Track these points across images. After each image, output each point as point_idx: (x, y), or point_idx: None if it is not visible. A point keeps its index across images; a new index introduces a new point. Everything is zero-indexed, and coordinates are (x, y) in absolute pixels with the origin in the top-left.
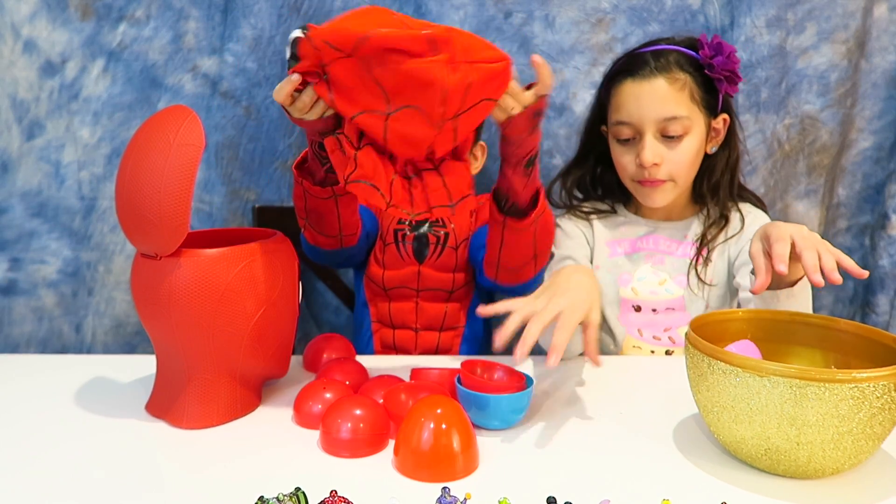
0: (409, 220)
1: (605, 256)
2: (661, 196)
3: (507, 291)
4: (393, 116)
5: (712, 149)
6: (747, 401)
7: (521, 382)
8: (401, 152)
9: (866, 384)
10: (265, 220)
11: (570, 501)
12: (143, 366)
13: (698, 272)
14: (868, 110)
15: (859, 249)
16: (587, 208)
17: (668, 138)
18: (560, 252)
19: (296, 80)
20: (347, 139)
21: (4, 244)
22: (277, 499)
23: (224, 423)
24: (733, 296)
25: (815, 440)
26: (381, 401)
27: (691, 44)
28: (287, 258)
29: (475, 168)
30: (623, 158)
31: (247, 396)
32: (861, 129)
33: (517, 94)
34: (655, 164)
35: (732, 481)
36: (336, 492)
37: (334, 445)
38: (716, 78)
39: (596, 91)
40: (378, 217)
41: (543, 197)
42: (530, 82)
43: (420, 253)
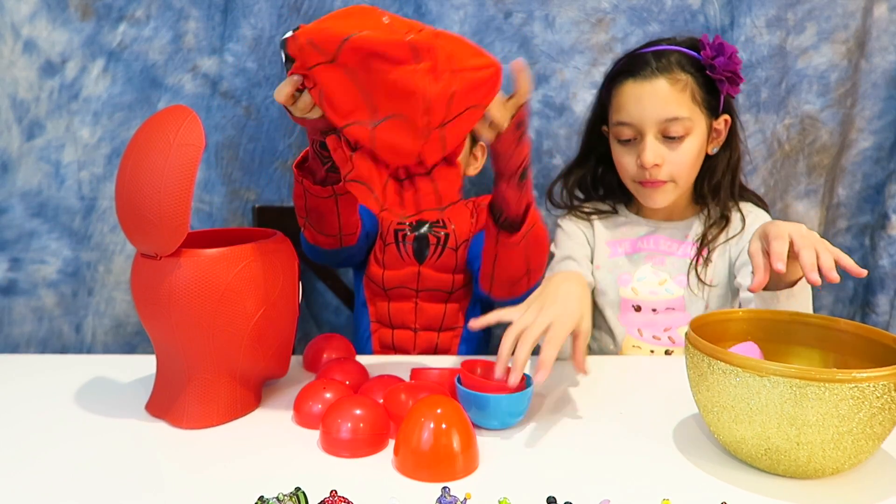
0: (401, 221)
1: (606, 256)
2: (661, 197)
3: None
4: (379, 127)
5: (713, 149)
6: (747, 401)
7: (521, 382)
8: (391, 161)
9: (866, 384)
10: (265, 220)
11: (570, 501)
12: (143, 366)
13: (698, 272)
14: (868, 110)
15: (859, 249)
16: (588, 208)
17: (669, 139)
18: (560, 252)
19: (297, 81)
20: (346, 140)
21: (4, 244)
22: (277, 499)
23: (224, 423)
24: (734, 296)
25: (815, 440)
26: (381, 401)
27: (693, 44)
28: (287, 258)
29: (475, 168)
30: (624, 159)
31: (247, 396)
32: (861, 129)
33: (502, 107)
34: (656, 165)
35: (732, 481)
36: (336, 492)
37: (334, 445)
38: (717, 79)
39: (597, 91)
40: (378, 217)
41: (534, 211)
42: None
43: (420, 253)
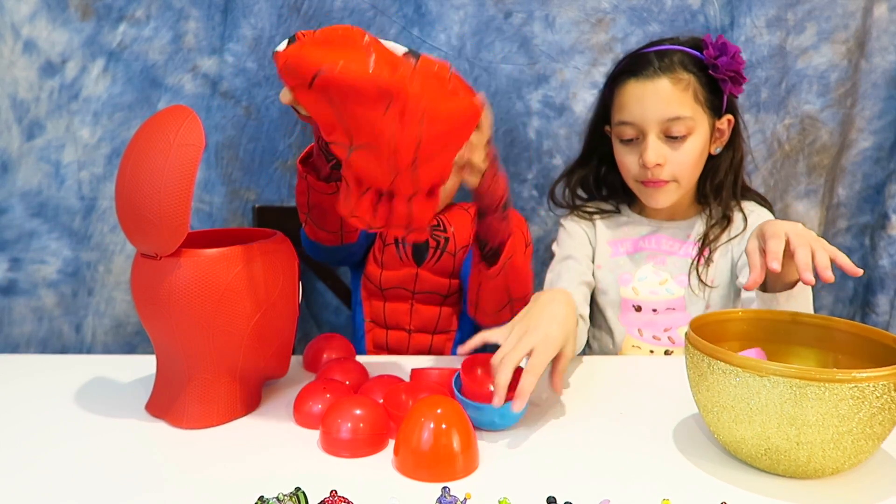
0: (365, 229)
1: (607, 256)
2: (664, 196)
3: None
4: (354, 153)
5: (716, 149)
6: (747, 401)
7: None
8: (368, 183)
9: (866, 384)
10: (265, 220)
11: (570, 501)
12: (143, 366)
13: (699, 273)
14: (868, 110)
15: (859, 249)
16: (591, 208)
17: (671, 139)
18: (562, 251)
19: None
20: None
21: (4, 244)
22: (277, 499)
23: (224, 423)
24: (737, 296)
25: (815, 440)
26: (381, 401)
27: (695, 44)
28: (287, 258)
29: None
30: (626, 159)
31: (247, 396)
32: (861, 129)
33: (475, 148)
34: (658, 165)
35: (732, 481)
36: (336, 492)
37: (334, 445)
38: (720, 78)
39: (599, 91)
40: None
41: (511, 244)
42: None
43: (419, 255)
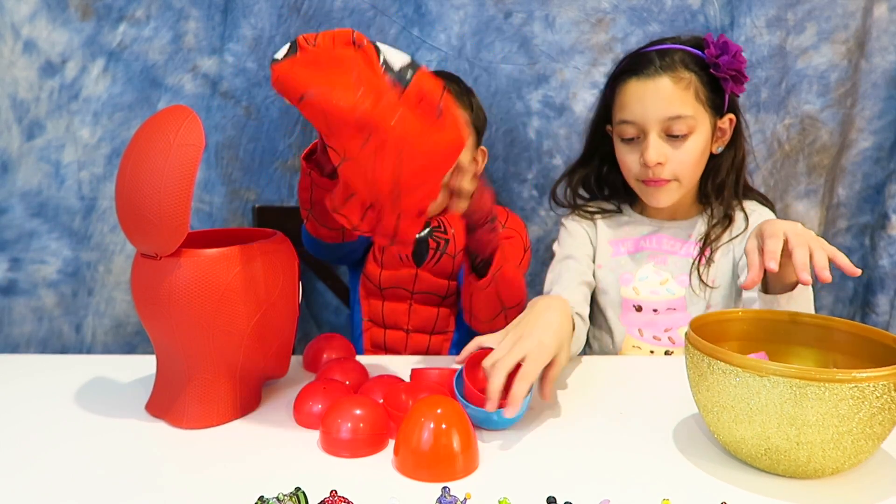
0: (350, 229)
1: (608, 256)
2: (665, 196)
3: None
4: (345, 163)
5: (718, 149)
6: (747, 401)
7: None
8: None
9: (866, 384)
10: (265, 220)
11: (570, 501)
12: (143, 366)
13: (700, 273)
14: (868, 110)
15: (859, 249)
16: (592, 208)
17: (672, 137)
18: (562, 251)
19: None
20: None
21: (4, 244)
22: (277, 499)
23: (224, 423)
24: (738, 296)
25: (815, 440)
26: (381, 401)
27: (697, 43)
28: (287, 258)
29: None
30: (627, 158)
31: (247, 396)
32: (861, 129)
33: (461, 175)
34: (659, 164)
35: (732, 481)
36: (336, 492)
37: (334, 445)
38: (721, 77)
39: (601, 90)
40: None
41: (500, 255)
42: None
43: (419, 256)
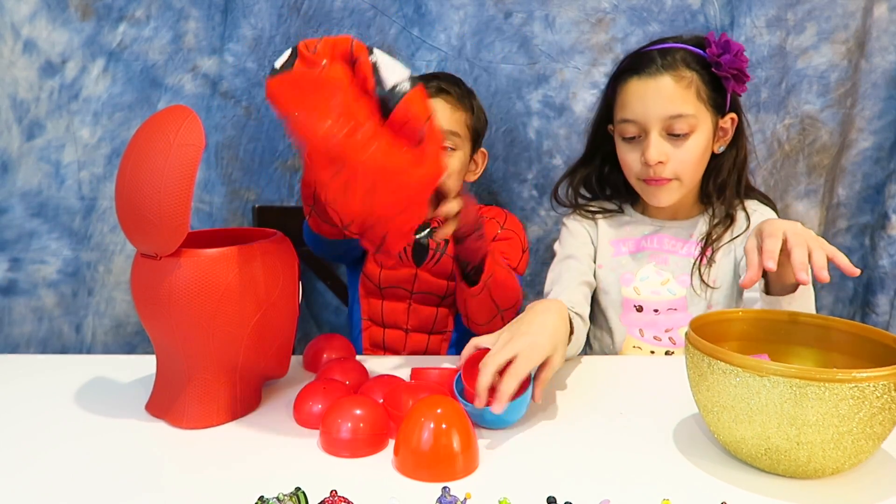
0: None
1: (609, 255)
2: (666, 195)
3: None
4: (318, 189)
5: (720, 148)
6: (747, 401)
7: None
8: None
9: (866, 384)
10: (265, 220)
11: (570, 501)
12: (143, 366)
13: (701, 273)
14: (868, 110)
15: (859, 249)
16: (594, 207)
17: (673, 136)
18: (563, 251)
19: None
20: None
21: (4, 244)
22: (277, 499)
23: (224, 423)
24: (739, 297)
25: (815, 440)
26: (381, 401)
27: (699, 42)
28: (287, 258)
29: (475, 174)
30: (628, 157)
31: (247, 396)
32: (861, 129)
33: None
34: (660, 163)
35: (732, 481)
36: (336, 492)
37: (334, 445)
38: (723, 76)
39: (602, 90)
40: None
41: (491, 260)
42: None
43: (419, 256)
